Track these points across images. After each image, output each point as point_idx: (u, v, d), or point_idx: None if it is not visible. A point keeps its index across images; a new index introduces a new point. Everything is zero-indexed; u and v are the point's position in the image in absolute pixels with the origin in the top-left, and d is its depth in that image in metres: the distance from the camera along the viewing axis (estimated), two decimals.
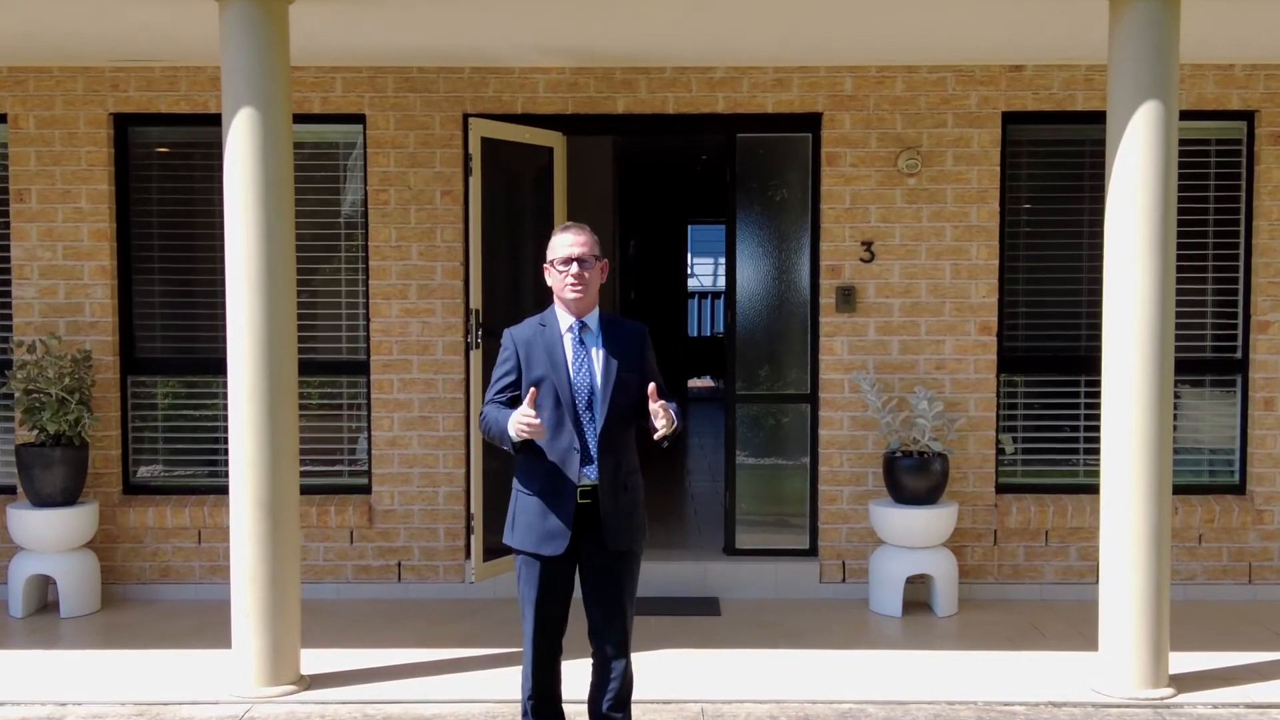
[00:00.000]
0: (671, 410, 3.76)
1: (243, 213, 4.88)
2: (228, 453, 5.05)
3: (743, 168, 6.69)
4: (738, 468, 6.76)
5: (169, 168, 6.68)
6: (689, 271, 18.37)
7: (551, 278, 3.89)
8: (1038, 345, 6.66)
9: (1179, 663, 5.21)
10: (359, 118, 6.52)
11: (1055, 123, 6.53)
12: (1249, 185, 6.51)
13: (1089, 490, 6.43)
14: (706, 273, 21.28)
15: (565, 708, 4.08)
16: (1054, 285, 6.63)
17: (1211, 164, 6.58)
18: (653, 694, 4.92)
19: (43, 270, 6.48)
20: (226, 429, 5.37)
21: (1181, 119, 5.22)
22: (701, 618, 6.17)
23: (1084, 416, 6.62)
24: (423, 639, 5.78)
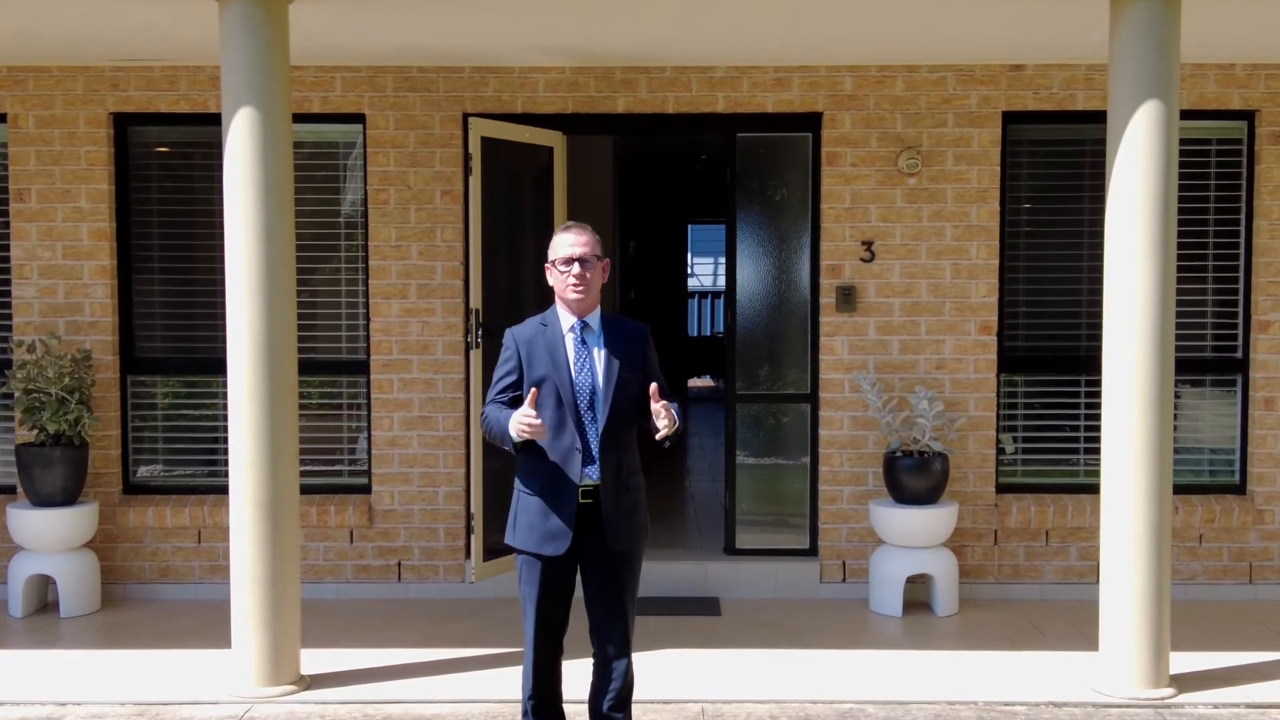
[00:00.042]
0: (673, 410, 3.75)
1: (242, 212, 4.88)
2: (228, 452, 5.05)
3: (743, 167, 6.69)
4: (738, 467, 6.76)
5: (169, 167, 6.68)
6: (689, 271, 18.37)
7: (553, 278, 3.88)
8: (1038, 345, 6.66)
9: (1179, 663, 5.21)
10: (359, 117, 6.52)
11: (1056, 122, 6.53)
12: (1249, 185, 6.51)
13: (1089, 490, 6.43)
14: (706, 272, 21.28)
15: (565, 708, 4.07)
16: (1054, 285, 6.63)
17: (1212, 163, 6.57)
18: (653, 694, 4.91)
19: (42, 270, 6.48)
20: (226, 429, 5.37)
21: (1182, 118, 5.22)
22: (701, 617, 6.16)
23: (1084, 416, 6.62)
24: (423, 639, 5.78)
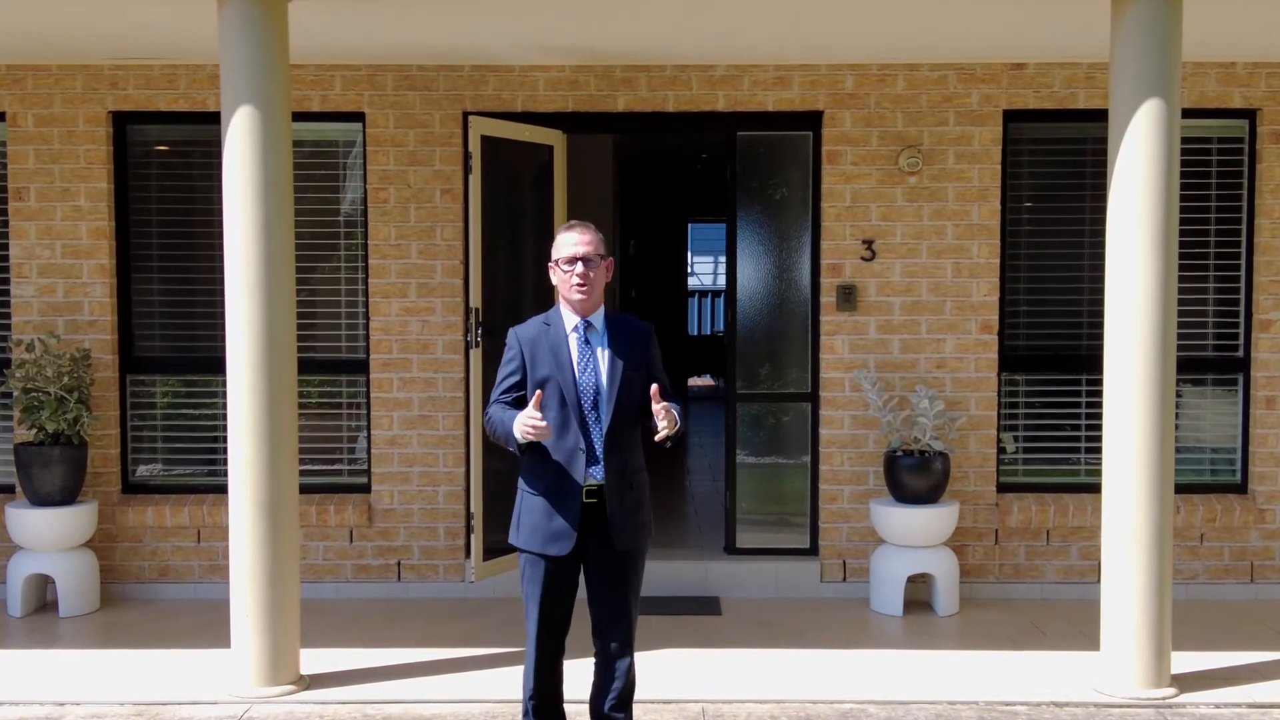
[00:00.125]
0: (674, 411, 3.74)
1: (242, 211, 4.87)
2: (227, 452, 5.03)
3: (743, 166, 6.68)
4: (738, 467, 6.75)
5: (168, 166, 6.66)
6: (689, 270, 18.37)
7: (556, 277, 3.86)
8: (1039, 344, 6.65)
9: (1181, 662, 5.20)
10: (358, 116, 6.51)
11: (1057, 121, 6.52)
12: (1251, 184, 6.50)
13: (1090, 489, 6.42)
14: (706, 271, 21.28)
15: (566, 708, 4.06)
16: (1055, 284, 6.62)
17: (1213, 162, 6.56)
18: (653, 694, 4.90)
19: (41, 269, 6.46)
20: (226, 428, 5.36)
21: (1183, 117, 5.21)
22: (702, 617, 6.15)
23: (1085, 415, 6.61)
24: (422, 639, 5.77)
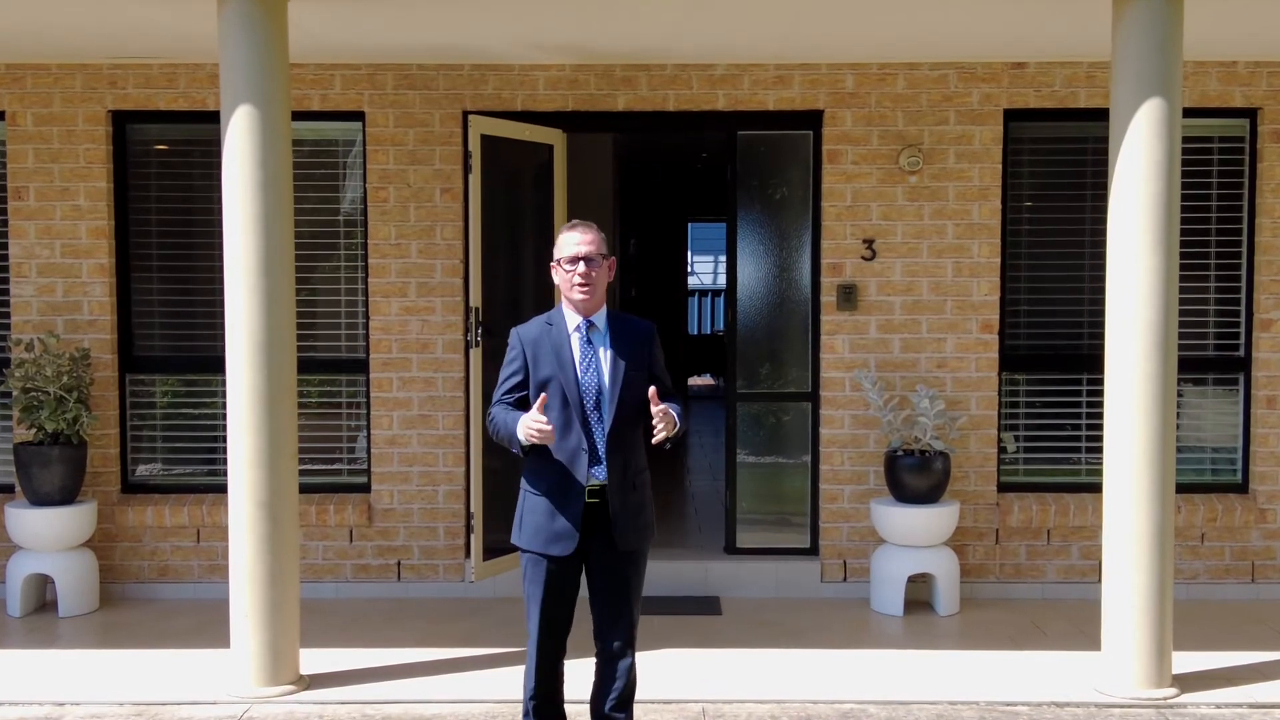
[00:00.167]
0: (674, 412, 3.73)
1: (242, 210, 4.86)
2: (226, 451, 5.03)
3: (743, 165, 6.67)
4: (738, 466, 6.74)
5: (168, 165, 6.65)
6: (689, 269, 18.36)
7: (558, 276, 3.85)
8: (1040, 343, 6.64)
9: (1182, 662, 5.19)
10: (358, 115, 6.50)
11: (1057, 120, 6.51)
12: (1252, 183, 6.49)
13: (1091, 489, 6.41)
14: (706, 271, 21.28)
15: (566, 708, 4.05)
16: (1056, 283, 6.61)
17: (1214, 161, 6.55)
18: (654, 694, 4.89)
19: (41, 268, 6.46)
20: (225, 427, 5.35)
21: (1184, 116, 5.19)
22: (702, 617, 6.15)
23: (1086, 415, 6.60)
24: (422, 638, 5.76)
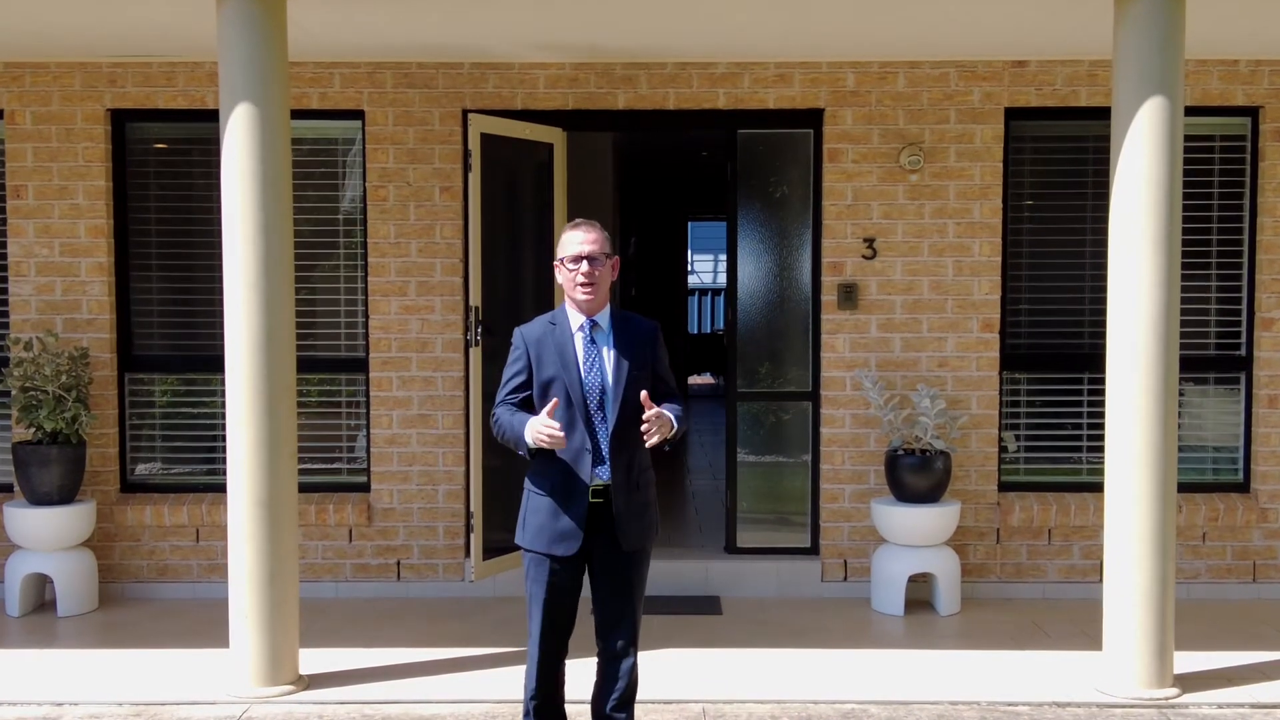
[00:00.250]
0: (671, 414, 3.72)
1: (241, 209, 4.85)
2: (226, 451, 5.02)
3: (744, 164, 6.65)
4: (739, 466, 6.73)
5: (167, 164, 6.64)
6: (689, 268, 18.35)
7: (561, 275, 3.84)
8: (1041, 342, 6.63)
9: (1183, 662, 5.18)
10: (358, 113, 6.48)
11: (1059, 118, 6.50)
12: (1253, 182, 6.48)
13: (1092, 489, 6.40)
14: (706, 270, 21.27)
15: (566, 708, 4.04)
16: (1057, 282, 6.60)
17: (1216, 160, 6.54)
18: (654, 694, 4.88)
19: (40, 267, 6.44)
20: (224, 427, 5.34)
21: (1185, 115, 5.18)
22: (703, 617, 6.14)
23: (1087, 414, 6.59)
24: (422, 638, 5.75)
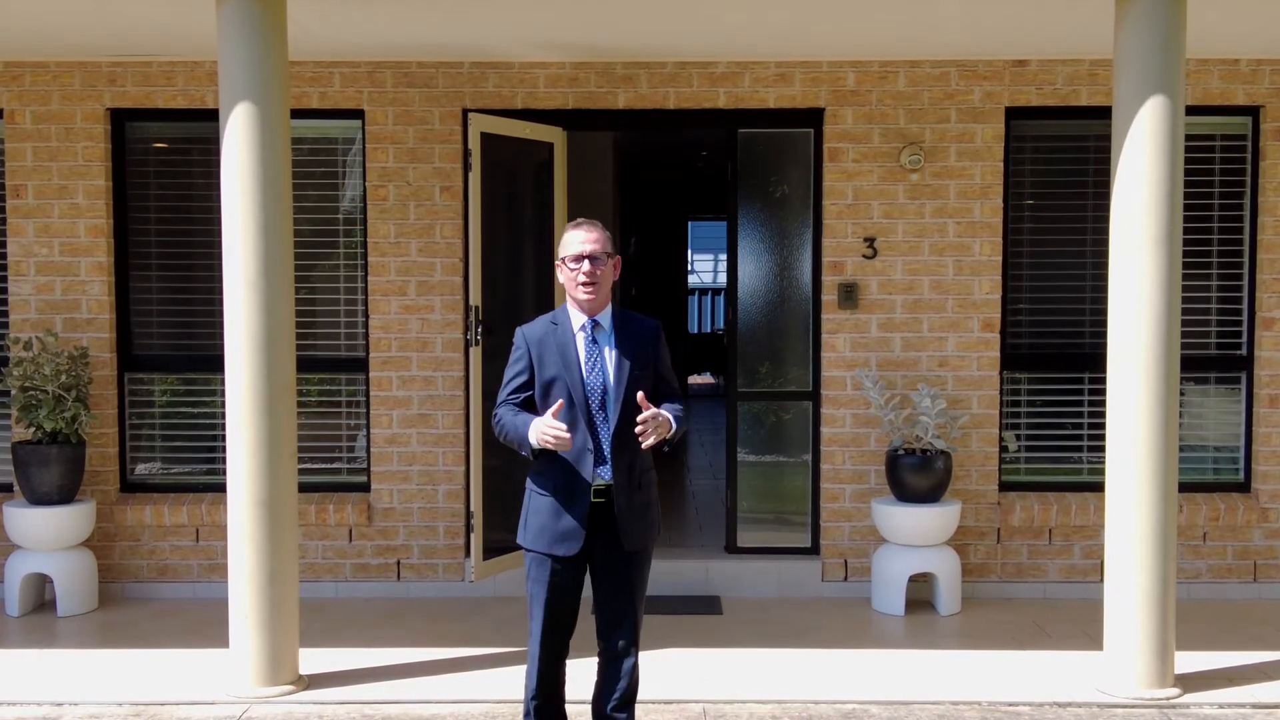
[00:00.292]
0: (670, 415, 3.72)
1: (241, 209, 4.84)
2: (226, 450, 5.01)
3: (744, 164, 6.65)
4: (739, 465, 6.72)
5: (167, 163, 6.63)
6: (689, 268, 18.34)
7: (563, 275, 3.83)
8: (1041, 342, 6.62)
9: (1184, 662, 5.18)
10: (358, 113, 6.48)
11: (1059, 118, 6.49)
12: (1254, 181, 6.47)
13: (1093, 488, 6.40)
14: (706, 269, 21.26)
15: (566, 708, 4.04)
16: (1058, 281, 6.59)
17: (1216, 160, 6.53)
18: (654, 694, 4.88)
19: (39, 266, 6.44)
20: (224, 426, 5.33)
21: (1186, 114, 5.17)
22: (703, 616, 6.13)
23: (1088, 414, 6.59)
24: (422, 638, 5.75)
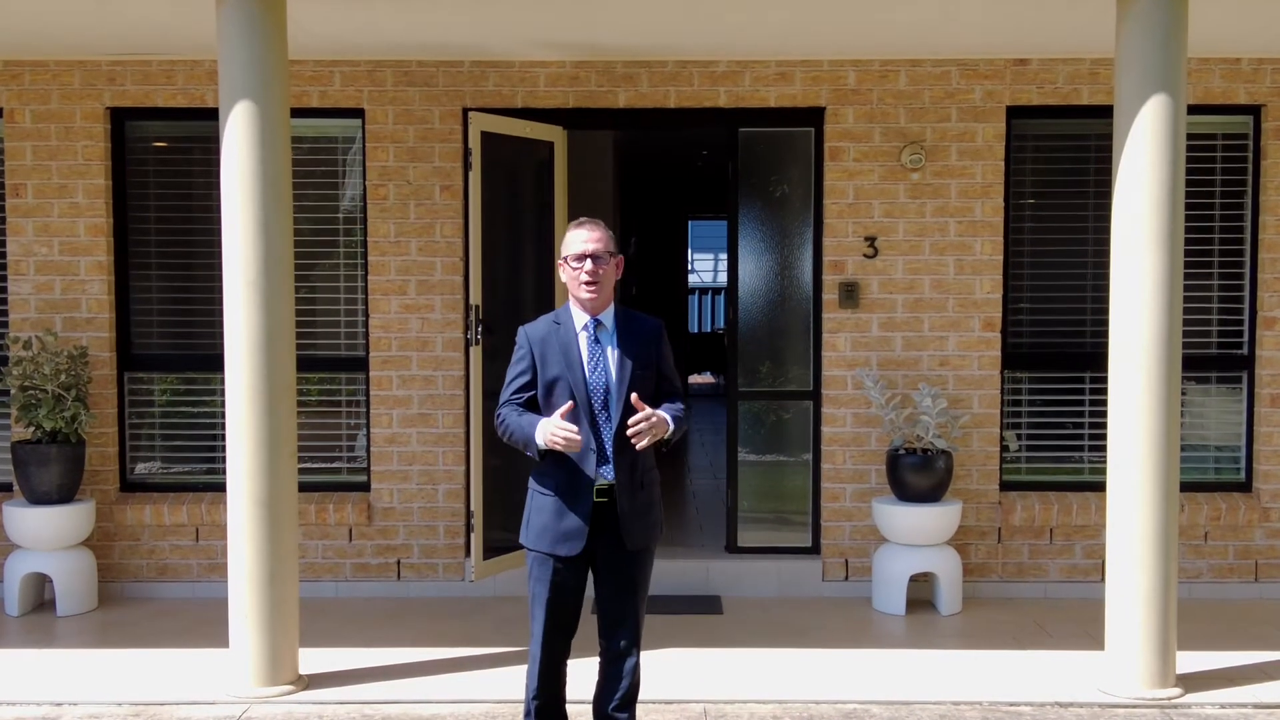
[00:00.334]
0: (668, 415, 3.71)
1: (240, 208, 4.83)
2: (225, 450, 5.00)
3: (745, 163, 6.64)
4: (740, 465, 6.71)
5: (166, 162, 6.62)
6: (689, 267, 18.33)
7: (565, 274, 3.82)
8: (1042, 341, 6.61)
9: (1185, 662, 5.17)
10: (358, 112, 6.47)
11: (1061, 117, 6.48)
12: (1255, 180, 6.46)
13: (1094, 488, 6.39)
14: (707, 269, 21.26)
15: (567, 708, 4.03)
16: (1059, 281, 6.58)
17: (1218, 159, 6.52)
18: (655, 694, 4.87)
19: (39, 266, 6.43)
20: (224, 426, 5.32)
21: (1188, 114, 5.17)
22: (703, 616, 6.12)
23: (1089, 413, 6.58)
24: (422, 638, 5.74)
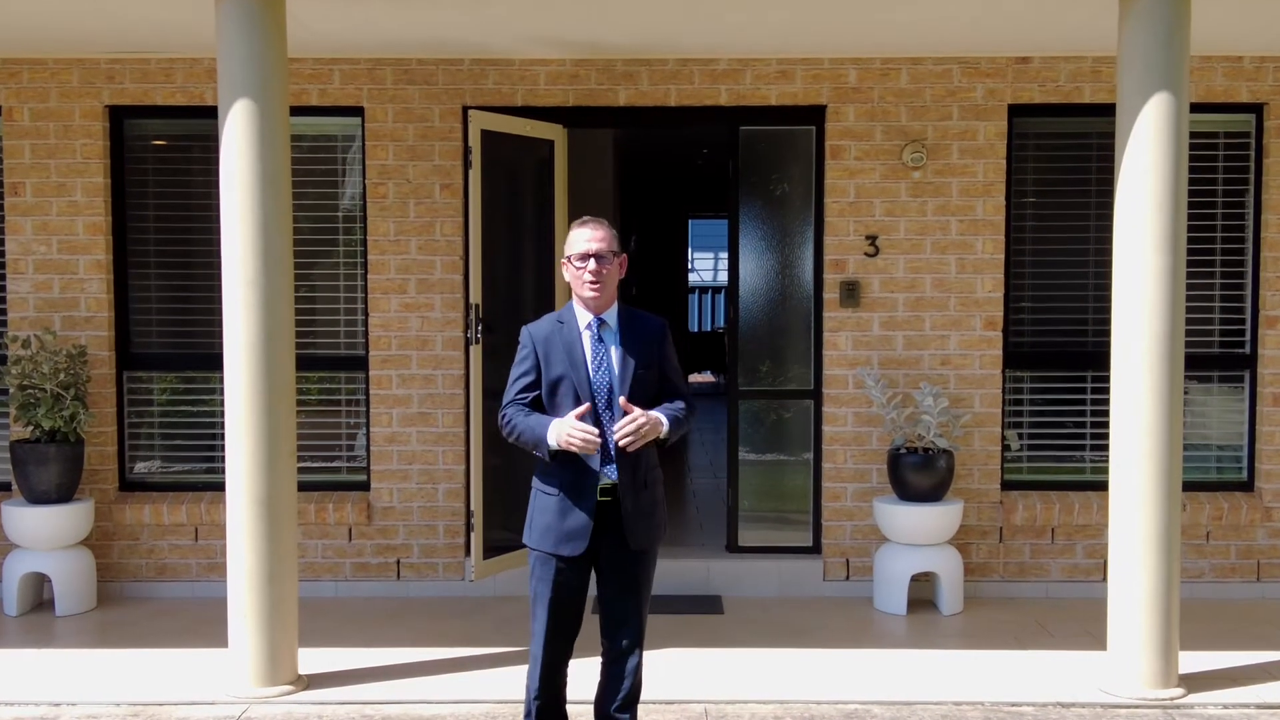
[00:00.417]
0: (669, 415, 3.70)
1: (240, 206, 4.82)
2: (225, 449, 4.99)
3: (745, 161, 6.62)
4: (740, 464, 6.70)
5: (165, 161, 6.61)
6: (690, 266, 18.32)
7: (569, 273, 3.81)
8: (1044, 340, 6.60)
9: (1187, 662, 5.16)
10: (357, 110, 6.45)
11: (1062, 115, 6.47)
12: (1258, 179, 6.45)
13: (1096, 487, 6.37)
14: (707, 267, 21.25)
15: (567, 708, 4.01)
16: (1060, 279, 6.57)
17: (1220, 157, 6.51)
18: (655, 694, 4.85)
19: (37, 264, 6.41)
20: (224, 425, 5.31)
21: (1190, 112, 5.15)
22: (704, 616, 6.11)
23: (1091, 413, 6.56)
24: (422, 638, 5.73)
